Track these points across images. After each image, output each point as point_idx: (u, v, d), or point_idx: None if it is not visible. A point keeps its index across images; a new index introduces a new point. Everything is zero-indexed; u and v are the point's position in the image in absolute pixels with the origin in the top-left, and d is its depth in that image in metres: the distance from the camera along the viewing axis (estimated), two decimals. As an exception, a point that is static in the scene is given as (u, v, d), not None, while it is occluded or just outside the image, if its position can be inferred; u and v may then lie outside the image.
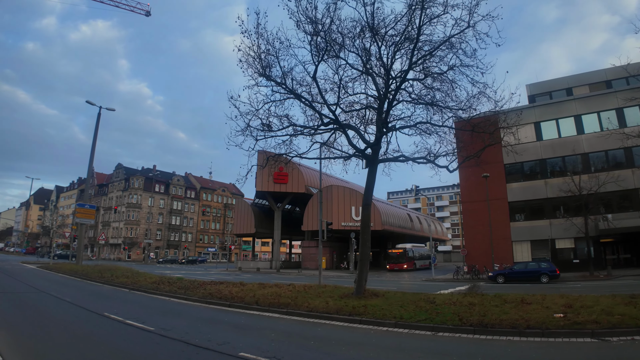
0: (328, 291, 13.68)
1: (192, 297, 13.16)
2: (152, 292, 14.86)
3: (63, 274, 22.42)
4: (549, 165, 35.62)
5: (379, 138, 13.66)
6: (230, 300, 12.12)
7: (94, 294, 14.46)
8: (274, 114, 14.15)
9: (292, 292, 13.13)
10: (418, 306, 10.30)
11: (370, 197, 13.82)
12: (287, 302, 11.27)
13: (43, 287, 15.48)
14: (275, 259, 45.38)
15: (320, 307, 10.35)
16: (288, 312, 10.52)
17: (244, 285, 15.44)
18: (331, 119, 14.21)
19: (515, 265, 26.30)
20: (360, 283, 12.70)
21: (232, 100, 13.58)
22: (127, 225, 69.42)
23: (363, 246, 13.38)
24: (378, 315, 9.43)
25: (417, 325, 8.62)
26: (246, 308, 11.36)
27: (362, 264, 13.19)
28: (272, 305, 11.10)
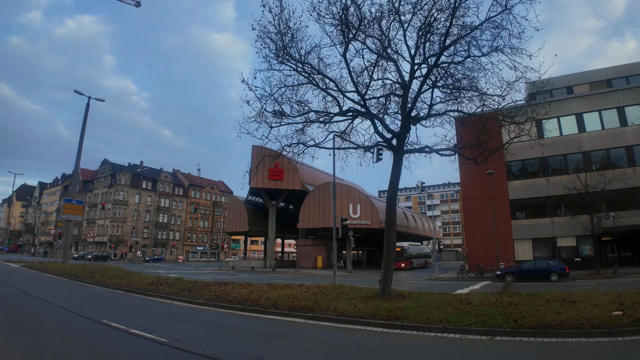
0: (347, 292, 12.65)
1: (198, 300, 11.92)
2: (150, 294, 13.54)
3: (50, 274, 20.75)
4: (551, 163, 35.53)
5: (404, 127, 12.75)
6: (244, 304, 10.93)
7: (87, 297, 13.06)
8: (290, 99, 13.03)
9: (309, 294, 12.03)
10: (456, 308, 9.45)
11: (396, 190, 12.94)
12: (309, 305, 10.17)
13: (29, 289, 13.97)
14: (269, 258, 44.09)
15: (350, 311, 9.29)
16: (313, 316, 9.43)
17: (252, 286, 14.25)
18: (352, 107, 13.18)
19: (524, 264, 25.90)
20: (386, 283, 11.79)
21: (245, 83, 12.43)
22: (113, 222, 66.94)
23: (388, 243, 12.40)
24: (420, 319, 8.47)
25: (469, 330, 7.73)
26: (263, 312, 10.20)
27: (387, 263, 12.21)
28: (293, 309, 9.98)
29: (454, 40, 11.23)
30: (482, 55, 11.18)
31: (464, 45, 11.57)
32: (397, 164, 12.74)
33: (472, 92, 11.86)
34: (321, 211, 40.98)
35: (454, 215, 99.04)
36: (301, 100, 13.17)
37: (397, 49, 12.36)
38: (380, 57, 12.56)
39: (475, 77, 12.16)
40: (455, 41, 11.22)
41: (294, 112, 13.41)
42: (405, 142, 13.36)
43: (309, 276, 30.95)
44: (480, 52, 11.19)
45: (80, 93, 27.11)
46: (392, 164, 12.95)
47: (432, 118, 13.28)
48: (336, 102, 13.14)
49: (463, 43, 11.53)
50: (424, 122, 13.45)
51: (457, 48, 11.64)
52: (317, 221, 41.40)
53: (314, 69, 11.82)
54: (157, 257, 67.05)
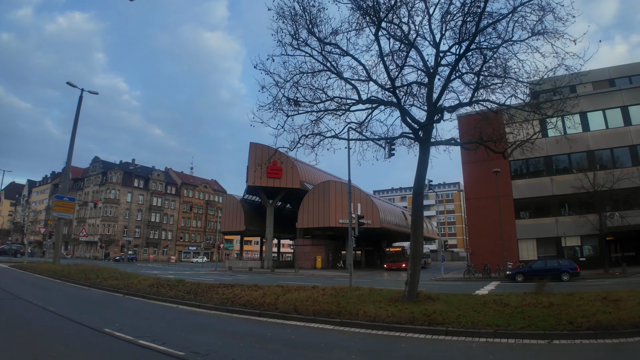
0: (367, 294, 11.82)
1: (206, 304, 10.91)
2: (153, 297, 12.47)
3: (40, 275, 19.46)
4: (555, 162, 35.28)
5: (430, 117, 11.96)
6: (259, 308, 9.97)
7: (83, 301, 11.95)
8: (308, 86, 12.10)
9: (328, 297, 11.12)
10: (495, 310, 8.80)
11: (423, 185, 12.13)
12: (333, 309, 9.27)
13: (19, 292, 12.79)
14: (267, 258, 43.00)
15: (383, 316, 8.43)
16: (342, 322, 8.53)
17: (261, 287, 13.29)
18: (373, 96, 12.32)
19: (534, 263, 25.47)
20: (414, 285, 11.05)
21: (259, 67, 11.49)
22: (104, 221, 65.07)
23: (415, 242, 11.64)
24: (464, 323, 7.70)
25: (523, 334, 7.07)
26: (283, 318, 9.25)
27: (414, 263, 11.42)
28: (317, 314, 9.06)
29: (490, 24, 10.43)
30: (526, 38, 10.36)
31: (499, 29, 10.79)
32: (423, 157, 11.98)
33: (508, 80, 11.05)
34: (321, 210, 40.09)
35: (449, 215, 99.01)
36: (320, 87, 12.27)
37: (422, 34, 11.51)
38: (402, 43, 11.75)
39: (507, 65, 11.45)
40: (491, 24, 10.42)
41: (310, 100, 12.52)
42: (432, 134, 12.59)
43: (311, 277, 30.01)
44: (517, 36, 10.39)
45: (73, 85, 25.82)
46: (419, 157, 12.15)
47: (458, 108, 12.50)
48: (355, 91, 12.32)
49: (499, 27, 10.77)
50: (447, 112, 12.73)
51: (491, 32, 10.85)
52: (317, 220, 40.49)
53: (341, 49, 10.88)
54: (129, 257, 61.04)
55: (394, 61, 12.09)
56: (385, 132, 14.24)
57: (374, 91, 12.43)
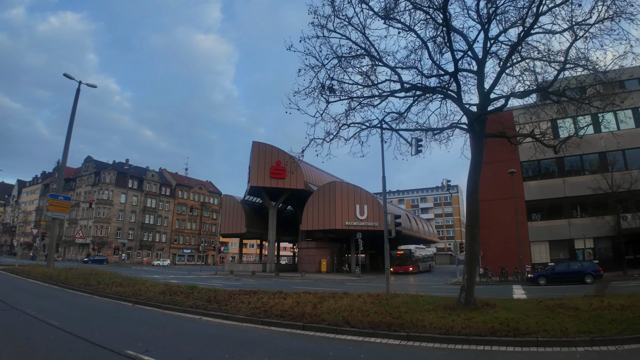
0: (413, 302, 10.59)
1: (235, 315, 9.49)
2: (168, 307, 10.99)
3: (34, 280, 17.78)
4: (567, 163, 34.73)
5: (482, 107, 10.86)
6: (301, 320, 8.61)
7: (89, 312, 10.43)
8: (345, 71, 10.87)
9: (374, 305, 9.83)
10: (570, 315, 8.30)
11: (478, 181, 11.01)
12: (392, 321, 8.03)
13: (14, 301, 11.20)
14: (270, 262, 41.43)
15: (457, 327, 7.34)
16: (409, 336, 7.28)
17: (290, 295, 11.92)
18: (419, 83, 11.12)
19: (557, 266, 24.77)
20: (471, 290, 10.00)
21: (292, 49, 10.24)
22: (97, 223, 62.75)
23: (472, 243, 10.48)
24: (552, 332, 6.96)
25: (622, 339, 6.48)
26: (334, 331, 7.92)
27: (471, 267, 10.36)
28: (375, 326, 7.77)
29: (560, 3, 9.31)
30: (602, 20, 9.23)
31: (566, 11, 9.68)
32: (478, 150, 11.01)
33: (583, 66, 9.94)
34: (326, 212, 38.74)
35: (447, 218, 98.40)
36: (359, 72, 11.04)
37: (471, 15, 10.44)
38: (445, 27, 10.62)
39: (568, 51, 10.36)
40: (562, 3, 9.30)
41: (347, 88, 11.27)
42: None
43: (320, 281, 28.60)
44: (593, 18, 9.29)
45: (70, 77, 24.24)
46: (472, 149, 11.22)
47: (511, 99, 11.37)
48: (398, 78, 11.17)
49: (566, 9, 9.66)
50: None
51: (558, 13, 9.74)
52: (322, 223, 39.11)
53: (403, 24, 9.63)
54: (98, 258, 56.53)
55: (437, 46, 11.01)
56: (423, 123, 13.18)
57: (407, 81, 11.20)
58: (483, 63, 10.90)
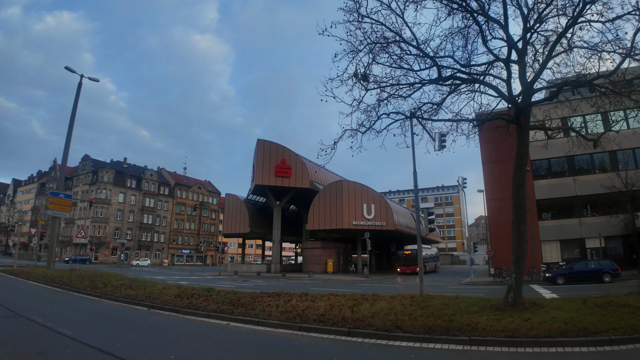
0: (455, 303, 9.97)
1: (267, 321, 8.63)
2: (187, 311, 10.07)
3: (35, 282, 16.76)
4: (577, 162, 34.37)
5: (526, 98, 10.33)
6: (345, 325, 7.80)
7: (102, 318, 9.50)
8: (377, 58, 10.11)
9: (416, 308, 9.13)
10: (628, 312, 8.08)
11: (524, 175, 10.43)
12: (449, 325, 7.38)
13: (17, 306, 10.24)
14: (274, 262, 40.49)
15: (522, 330, 6.85)
16: (471, 340, 6.64)
17: (318, 297, 11.09)
18: (458, 74, 10.40)
19: (575, 265, 24.30)
20: (519, 290, 9.62)
21: (325, 34, 9.48)
22: (95, 223, 61.41)
23: (519, 240, 9.91)
24: (623, 330, 6.68)
25: None
26: (384, 337, 7.17)
27: (519, 265, 9.82)
28: (430, 331, 7.08)
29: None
30: None
31: None
32: (523, 142, 10.42)
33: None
34: (333, 211, 37.87)
35: (448, 218, 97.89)
36: (393, 60, 10.27)
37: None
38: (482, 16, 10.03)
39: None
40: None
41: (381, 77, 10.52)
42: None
43: (329, 282, 27.73)
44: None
45: (72, 70, 23.29)
46: (518, 141, 10.57)
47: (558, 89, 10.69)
48: (436, 68, 10.52)
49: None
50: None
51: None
52: (328, 222, 38.23)
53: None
54: (81, 258, 51.93)
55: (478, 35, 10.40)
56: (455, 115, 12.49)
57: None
58: (524, 53, 10.34)
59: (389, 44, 10.27)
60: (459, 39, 10.86)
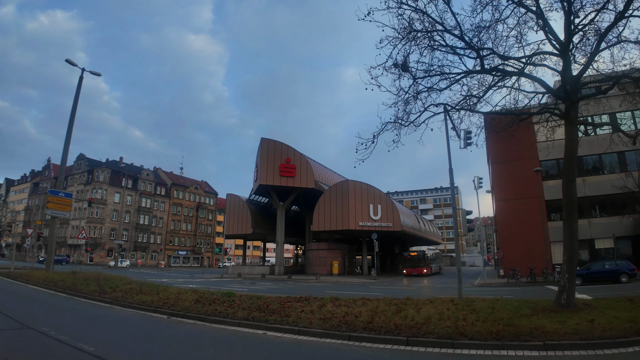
0: (504, 306, 9.41)
1: (310, 329, 7.79)
2: (214, 319, 9.16)
3: (36, 286, 15.66)
4: (585, 162, 34.19)
5: (572, 93, 9.87)
6: (403, 334, 7.01)
7: (123, 328, 8.56)
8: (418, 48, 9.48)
9: (467, 313, 8.41)
10: None
11: (575, 171, 10.00)
12: (516, 330, 6.82)
13: (25, 315, 9.23)
14: (278, 264, 39.54)
15: (596, 333, 6.47)
16: (545, 345, 6.24)
17: (353, 303, 10.19)
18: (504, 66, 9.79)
19: (592, 265, 23.96)
20: (572, 291, 9.39)
21: (367, 19, 8.81)
22: (90, 223, 59.85)
23: (572, 239, 9.44)
24: None
25: None
26: (449, 345, 6.56)
27: (571, 265, 9.41)
28: (499, 337, 6.55)
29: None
30: None
31: None
32: (573, 138, 10.04)
33: None
34: (339, 212, 37.05)
35: (447, 220, 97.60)
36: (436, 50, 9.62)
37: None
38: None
39: None
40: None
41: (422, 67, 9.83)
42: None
43: (337, 284, 26.86)
44: None
45: (73, 63, 22.21)
46: (567, 136, 10.10)
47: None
48: (479, 59, 9.97)
49: None
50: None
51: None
52: (334, 223, 37.39)
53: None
54: (57, 258, 46.71)
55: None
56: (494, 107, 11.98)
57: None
58: (567, 46, 9.86)
59: (429, 33, 9.67)
60: (504, 29, 10.42)
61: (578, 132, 10.66)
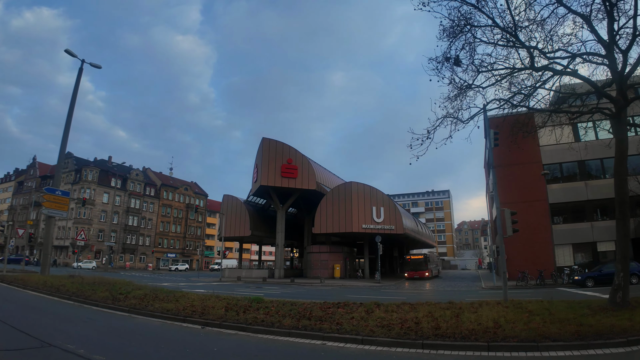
0: (554, 307, 9.15)
1: (376, 339, 7.07)
2: (258, 328, 8.29)
3: (35, 292, 14.38)
4: (588, 166, 34.62)
5: (620, 92, 9.91)
6: (481, 339, 6.50)
7: (161, 345, 7.58)
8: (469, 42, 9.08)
9: (529, 315, 8.14)
10: None
11: (626, 170, 10.52)
12: (598, 330, 6.64)
13: (37, 329, 8.14)
14: (279, 267, 38.54)
15: None
16: (628, 341, 6.25)
17: (401, 308, 9.50)
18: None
19: (604, 267, 24.10)
20: (627, 290, 9.51)
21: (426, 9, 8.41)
22: (77, 224, 57.42)
23: (624, 237, 9.70)
24: None
25: None
26: (534, 348, 6.31)
27: (624, 264, 9.55)
28: (583, 337, 6.37)
29: None
30: None
31: None
32: (623, 137, 10.23)
33: None
34: (342, 214, 36.35)
35: (439, 223, 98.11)
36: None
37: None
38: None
39: None
40: None
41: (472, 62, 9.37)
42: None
43: (348, 288, 26.10)
44: None
45: (73, 54, 20.99)
46: (617, 138, 10.37)
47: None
48: (529, 56, 9.77)
49: None
50: None
51: None
52: (337, 225, 36.65)
53: None
54: (14, 257, 44.48)
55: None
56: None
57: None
58: (611, 48, 9.89)
59: (480, 28, 9.28)
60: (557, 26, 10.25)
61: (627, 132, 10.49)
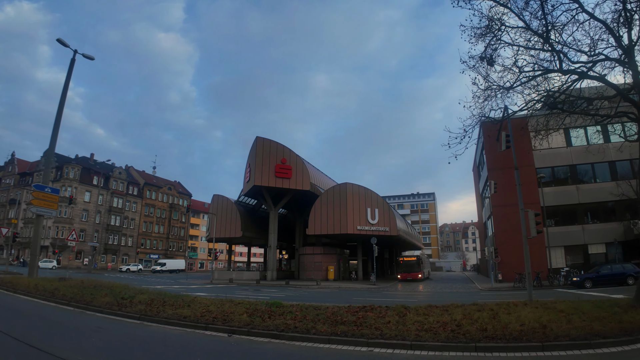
0: (583, 306, 9.12)
1: (425, 343, 6.78)
2: (294, 335, 7.78)
3: (28, 297, 13.28)
4: (579, 171, 35.60)
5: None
6: (530, 339, 6.32)
7: (202, 358, 6.98)
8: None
9: (566, 314, 8.11)
10: None
11: None
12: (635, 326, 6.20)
13: (44, 341, 7.29)
14: (271, 269, 37.76)
15: None
16: None
17: (432, 311, 9.13)
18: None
19: (601, 269, 24.76)
20: None
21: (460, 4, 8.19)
22: (58, 224, 54.94)
23: None
24: None
25: None
26: (587, 347, 6.45)
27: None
28: (630, 333, 6.76)
29: None
30: None
31: None
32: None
33: None
34: (336, 215, 35.97)
35: (424, 225, 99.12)
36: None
37: None
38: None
39: None
40: None
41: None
42: None
43: (347, 290, 25.73)
44: None
45: (65, 44, 19.80)
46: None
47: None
48: (557, 59, 9.74)
49: None
50: None
51: None
52: (331, 227, 36.23)
53: None
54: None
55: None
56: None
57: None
58: (632, 51, 10.06)
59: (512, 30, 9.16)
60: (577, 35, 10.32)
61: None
